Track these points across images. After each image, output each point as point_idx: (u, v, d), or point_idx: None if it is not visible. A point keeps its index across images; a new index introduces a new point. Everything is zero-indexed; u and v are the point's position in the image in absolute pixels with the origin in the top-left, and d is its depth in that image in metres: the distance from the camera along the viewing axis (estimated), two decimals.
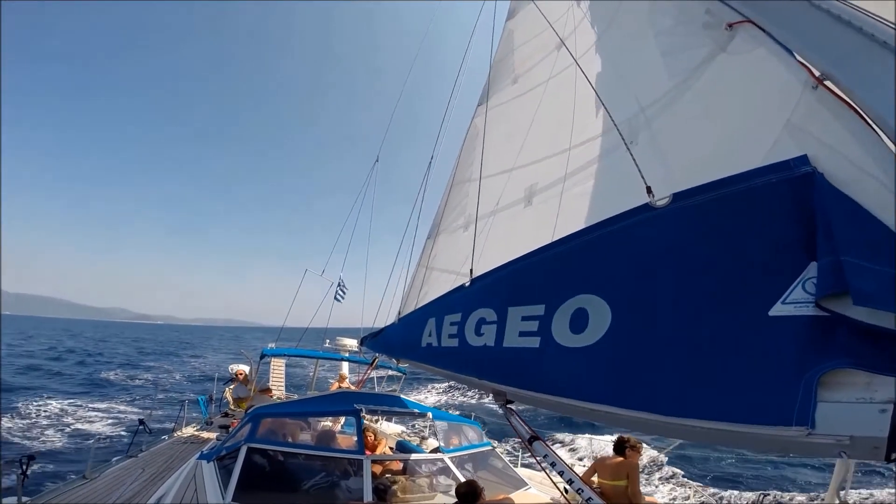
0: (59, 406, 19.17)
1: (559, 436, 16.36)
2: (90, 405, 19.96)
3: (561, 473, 2.35)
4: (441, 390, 27.56)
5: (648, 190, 2.01)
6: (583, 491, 2.25)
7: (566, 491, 5.41)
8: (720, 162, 2.05)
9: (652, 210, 1.91)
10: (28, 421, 16.26)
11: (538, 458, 2.53)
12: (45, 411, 18.08)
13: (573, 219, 3.12)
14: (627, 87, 3.43)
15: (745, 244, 1.62)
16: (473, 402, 24.93)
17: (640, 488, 4.41)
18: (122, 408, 19.93)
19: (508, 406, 2.69)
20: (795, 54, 2.04)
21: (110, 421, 17.20)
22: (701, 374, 1.55)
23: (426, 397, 25.37)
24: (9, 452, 13.19)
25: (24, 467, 4.96)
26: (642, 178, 2.10)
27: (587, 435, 16.61)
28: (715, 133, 2.42)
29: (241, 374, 10.64)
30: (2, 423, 5.36)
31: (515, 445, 12.81)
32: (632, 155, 2.32)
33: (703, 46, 2.81)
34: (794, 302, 1.44)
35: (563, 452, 14.73)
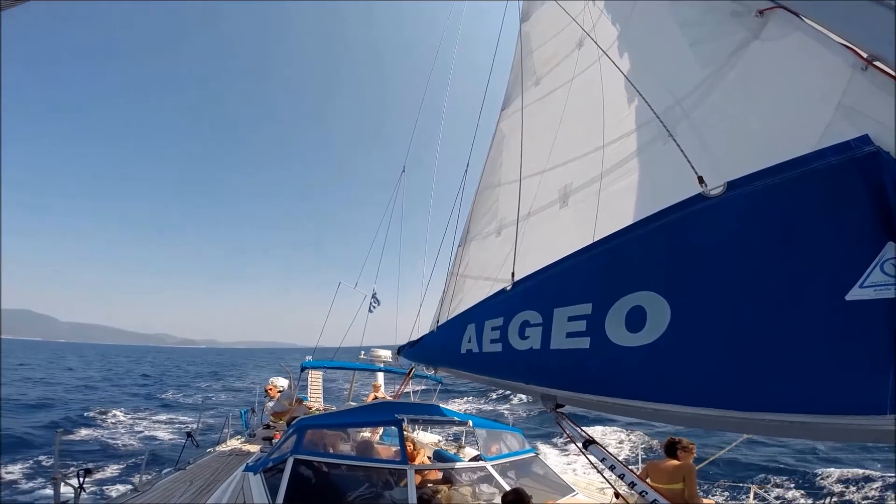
0: (124, 420, 21.16)
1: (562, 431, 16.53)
2: (152, 418, 22.01)
3: (622, 477, 2.28)
4: (465, 400, 27.66)
5: (700, 180, 1.95)
6: (647, 493, 2.18)
7: (617, 496, 5.29)
8: (769, 149, 2.00)
9: (706, 200, 1.85)
10: (93, 433, 17.94)
11: (595, 462, 2.46)
12: (110, 424, 20.09)
13: (614, 216, 3.06)
14: (657, 80, 3.39)
15: (812, 228, 1.56)
16: (489, 408, 24.97)
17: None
18: (180, 420, 21.85)
19: (559, 410, 2.63)
20: (835, 37, 2.00)
21: (169, 433, 18.71)
22: (777, 365, 1.49)
23: (451, 407, 25.53)
24: (82, 454, 14.44)
25: (81, 480, 5.07)
26: (692, 168, 2.04)
27: (596, 428, 16.52)
28: (760, 120, 2.36)
29: (272, 390, 10.84)
30: (58, 439, 5.52)
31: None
32: (678, 145, 2.26)
33: (734, 34, 2.77)
34: (874, 285, 1.37)
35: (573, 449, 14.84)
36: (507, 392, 27.89)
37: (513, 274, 3.06)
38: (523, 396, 26.37)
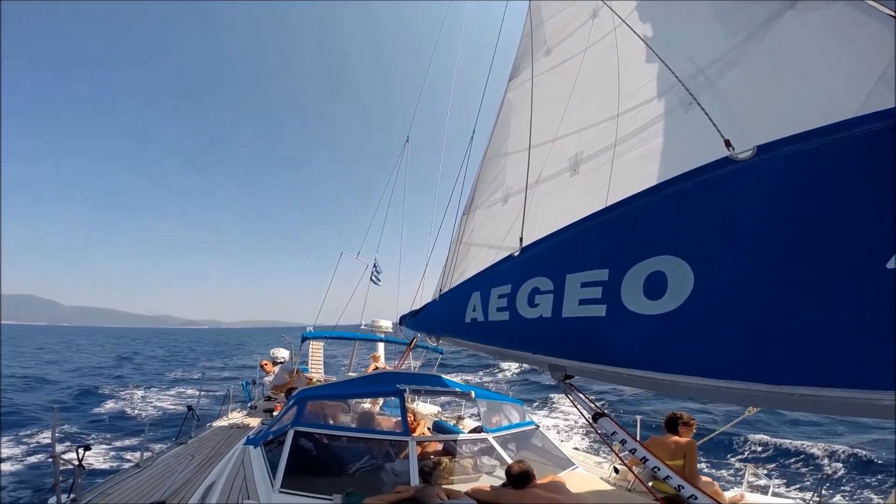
0: (133, 396, 22.33)
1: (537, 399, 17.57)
2: (160, 394, 23.09)
3: (633, 451, 2.23)
4: (457, 375, 28.16)
5: (727, 143, 1.85)
6: (659, 469, 2.14)
7: (616, 471, 5.31)
8: (803, 120, 1.90)
9: (734, 163, 1.76)
10: (102, 409, 18.77)
11: (605, 436, 2.41)
12: (121, 398, 21.24)
13: (627, 184, 2.95)
14: (677, 49, 3.26)
15: (850, 194, 1.47)
16: (476, 380, 25.50)
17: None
18: (187, 394, 22.90)
19: (568, 382, 2.57)
20: (880, 6, 1.90)
21: (177, 407, 19.44)
22: (810, 336, 1.41)
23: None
24: (93, 425, 15.36)
25: (80, 456, 5.00)
26: (718, 131, 1.94)
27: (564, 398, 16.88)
28: (794, 91, 2.27)
29: (266, 365, 10.92)
30: (55, 418, 5.45)
31: None
32: (703, 108, 2.16)
33: (765, 4, 2.65)
34: None
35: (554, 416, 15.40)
36: (494, 367, 28.25)
37: (521, 239, 2.96)
38: (509, 372, 26.75)
